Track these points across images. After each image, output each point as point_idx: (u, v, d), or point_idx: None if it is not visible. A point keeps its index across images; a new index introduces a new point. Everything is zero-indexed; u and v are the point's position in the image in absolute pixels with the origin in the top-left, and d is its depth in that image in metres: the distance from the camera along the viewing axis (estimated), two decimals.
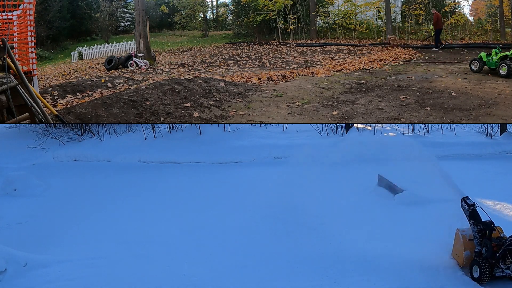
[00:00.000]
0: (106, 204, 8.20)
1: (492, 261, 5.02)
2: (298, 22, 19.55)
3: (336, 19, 19.64)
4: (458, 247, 5.53)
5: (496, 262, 5.00)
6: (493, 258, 5.02)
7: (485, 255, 5.10)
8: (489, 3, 18.33)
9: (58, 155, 11.48)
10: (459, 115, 7.47)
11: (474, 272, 5.18)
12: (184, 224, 7.14)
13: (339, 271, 5.61)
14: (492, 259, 5.02)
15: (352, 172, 10.02)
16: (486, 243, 5.15)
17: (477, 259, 5.16)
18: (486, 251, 5.10)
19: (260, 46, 18.61)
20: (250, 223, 7.27)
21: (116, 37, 21.57)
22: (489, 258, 5.05)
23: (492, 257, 5.03)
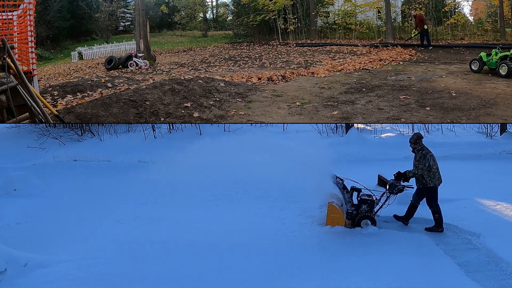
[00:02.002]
0: (106, 204, 8.20)
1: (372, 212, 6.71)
2: (298, 22, 19.54)
3: (336, 19, 19.63)
4: (334, 216, 6.61)
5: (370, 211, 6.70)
6: (372, 209, 6.71)
7: (366, 209, 6.69)
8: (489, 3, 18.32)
9: (58, 155, 11.48)
10: (459, 115, 7.48)
11: (364, 225, 6.66)
12: (184, 224, 7.14)
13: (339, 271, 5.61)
14: (371, 211, 6.70)
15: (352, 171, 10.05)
16: (366, 200, 6.71)
17: (362, 214, 6.67)
18: (366, 206, 6.70)
19: (260, 46, 18.61)
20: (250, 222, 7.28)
21: (116, 37, 21.56)
22: (369, 210, 6.69)
23: (372, 208, 6.70)
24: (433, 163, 6.69)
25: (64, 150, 11.60)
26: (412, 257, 5.92)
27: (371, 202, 6.75)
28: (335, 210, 6.61)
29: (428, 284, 5.28)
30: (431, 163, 6.67)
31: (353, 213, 6.71)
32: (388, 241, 6.40)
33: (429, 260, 5.83)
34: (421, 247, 6.25)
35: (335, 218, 6.61)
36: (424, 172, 6.65)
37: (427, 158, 6.67)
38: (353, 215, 6.70)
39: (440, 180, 6.83)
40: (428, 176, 6.68)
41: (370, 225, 6.66)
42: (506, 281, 5.40)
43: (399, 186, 6.73)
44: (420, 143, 6.80)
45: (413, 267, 5.65)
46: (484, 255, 6.05)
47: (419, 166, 6.67)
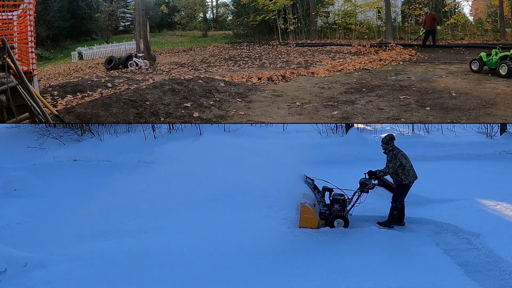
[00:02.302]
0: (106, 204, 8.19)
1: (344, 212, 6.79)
2: (298, 22, 19.54)
3: (336, 19, 19.63)
4: (307, 216, 6.64)
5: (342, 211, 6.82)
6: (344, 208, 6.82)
7: (338, 209, 6.79)
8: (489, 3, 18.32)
9: (58, 155, 11.48)
10: (459, 115, 7.47)
11: (337, 225, 6.75)
12: (184, 224, 7.14)
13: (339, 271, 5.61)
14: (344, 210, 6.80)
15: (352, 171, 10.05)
16: (338, 200, 6.83)
17: (335, 214, 6.75)
18: (339, 206, 6.80)
19: (260, 46, 18.60)
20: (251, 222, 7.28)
21: (116, 37, 21.56)
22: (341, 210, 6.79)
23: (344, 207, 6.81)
24: (405, 162, 6.84)
25: (64, 150, 11.60)
26: (412, 257, 5.93)
27: (343, 202, 6.85)
28: (308, 210, 6.67)
29: (428, 284, 5.28)
30: (404, 162, 6.82)
31: (326, 213, 6.78)
32: (388, 241, 6.41)
33: (429, 260, 5.84)
34: (421, 247, 6.26)
35: (308, 219, 6.67)
36: (398, 170, 6.82)
37: (398, 157, 6.83)
38: (326, 215, 6.78)
39: (414, 177, 6.95)
40: (402, 174, 6.85)
41: (342, 225, 6.77)
42: (506, 281, 5.40)
43: (370, 185, 6.88)
44: (392, 144, 6.93)
45: (413, 267, 5.66)
46: (484, 255, 6.05)
47: (390, 165, 6.84)
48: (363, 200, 6.96)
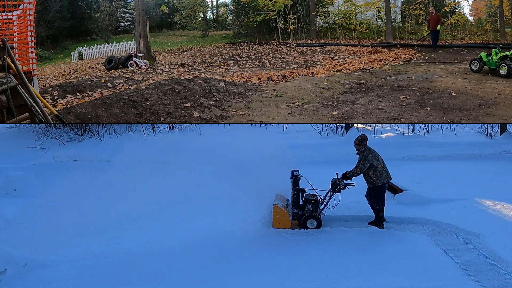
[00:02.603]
0: (106, 204, 8.19)
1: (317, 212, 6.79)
2: (298, 22, 19.54)
3: (336, 19, 19.63)
4: (279, 217, 6.65)
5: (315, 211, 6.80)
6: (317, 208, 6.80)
7: (311, 209, 6.77)
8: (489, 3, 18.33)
9: (58, 155, 11.47)
10: (459, 115, 7.47)
11: (310, 225, 6.72)
12: (185, 224, 7.14)
13: (339, 271, 5.61)
14: (316, 210, 6.78)
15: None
16: (310, 200, 6.81)
17: (308, 214, 6.73)
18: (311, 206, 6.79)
19: (260, 46, 18.60)
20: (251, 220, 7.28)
21: (116, 37, 21.56)
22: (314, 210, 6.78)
23: (317, 207, 6.79)
24: (377, 163, 6.81)
25: (64, 150, 11.59)
26: (412, 257, 5.92)
27: (316, 202, 6.85)
28: (280, 211, 6.67)
29: (428, 284, 5.28)
30: (375, 163, 6.80)
31: (299, 213, 6.79)
32: (388, 241, 6.41)
33: (429, 260, 5.83)
34: (421, 247, 6.25)
35: (281, 220, 6.69)
36: (370, 172, 6.80)
37: (368, 159, 6.79)
38: (298, 215, 6.79)
39: (388, 177, 6.92)
40: (374, 176, 6.83)
41: (315, 225, 6.78)
42: (506, 281, 5.40)
43: (341, 185, 6.88)
44: (364, 144, 6.90)
45: (413, 267, 5.66)
46: (484, 255, 6.05)
47: (359, 166, 6.85)
48: (338, 201, 6.98)
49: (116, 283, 5.44)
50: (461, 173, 9.84)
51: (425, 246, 6.28)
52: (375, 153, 6.87)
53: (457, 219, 7.13)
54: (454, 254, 6.08)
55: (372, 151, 6.86)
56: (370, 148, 6.90)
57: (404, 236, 6.65)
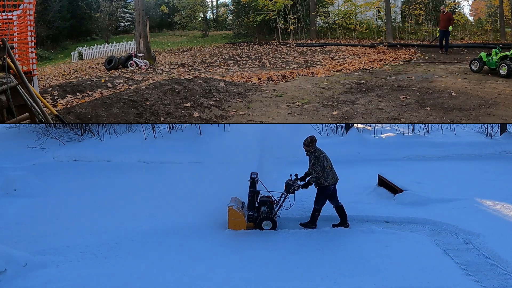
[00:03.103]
0: (106, 204, 8.20)
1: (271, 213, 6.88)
2: (298, 22, 19.54)
3: (336, 19, 19.63)
4: (235, 219, 6.75)
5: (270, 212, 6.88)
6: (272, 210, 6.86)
7: (266, 210, 6.85)
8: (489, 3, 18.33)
9: (58, 155, 11.47)
10: (459, 115, 7.47)
11: (265, 226, 6.80)
12: (185, 224, 7.14)
13: (339, 271, 5.61)
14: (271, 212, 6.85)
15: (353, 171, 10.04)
16: (264, 202, 6.89)
17: (263, 216, 6.81)
18: (266, 208, 6.87)
19: (260, 46, 18.60)
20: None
21: (116, 37, 21.56)
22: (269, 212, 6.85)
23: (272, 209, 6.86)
24: (326, 164, 6.83)
25: (64, 150, 11.59)
26: (412, 257, 5.93)
27: (270, 204, 6.90)
28: (235, 213, 6.76)
29: (428, 284, 5.28)
30: (325, 164, 6.81)
31: (254, 215, 6.85)
32: (388, 241, 6.41)
33: (429, 260, 5.84)
34: (421, 247, 6.26)
35: (236, 222, 6.78)
36: (321, 173, 6.80)
37: (320, 159, 6.80)
38: (254, 217, 6.85)
39: (334, 179, 6.92)
40: (322, 177, 6.81)
41: (270, 227, 6.83)
42: (506, 281, 5.40)
43: (295, 186, 6.89)
44: (313, 146, 6.88)
45: (413, 267, 5.66)
46: (484, 255, 6.05)
47: (317, 168, 6.79)
48: (293, 204, 7.02)
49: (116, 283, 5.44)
50: (461, 173, 9.85)
51: (425, 246, 6.29)
52: (325, 153, 6.91)
53: (457, 219, 7.14)
54: (454, 254, 6.08)
55: (322, 152, 6.89)
56: (320, 149, 6.92)
57: (404, 236, 6.65)
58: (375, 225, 7.02)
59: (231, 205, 6.80)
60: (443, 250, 6.17)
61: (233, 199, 7.06)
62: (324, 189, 6.85)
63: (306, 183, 6.87)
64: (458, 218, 7.15)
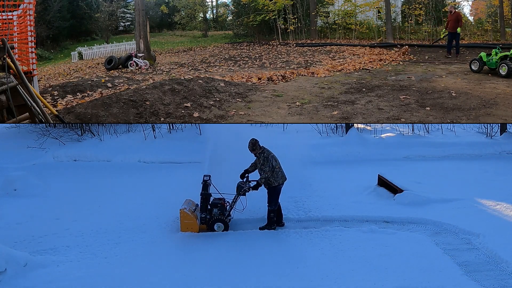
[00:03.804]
0: (106, 204, 8.20)
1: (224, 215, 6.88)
2: (298, 22, 19.54)
3: (336, 19, 19.63)
4: (187, 222, 6.77)
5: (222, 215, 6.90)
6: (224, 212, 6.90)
7: (218, 213, 6.88)
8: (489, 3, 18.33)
9: (58, 155, 11.46)
10: (459, 115, 7.47)
11: (217, 228, 6.83)
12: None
13: (339, 271, 5.61)
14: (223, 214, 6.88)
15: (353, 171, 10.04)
16: (216, 204, 6.93)
17: (214, 218, 6.84)
18: (217, 210, 6.90)
19: (260, 46, 18.60)
20: (250, 220, 7.28)
21: (116, 37, 21.56)
22: (221, 214, 6.88)
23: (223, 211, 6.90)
24: (275, 164, 6.84)
25: (64, 150, 11.59)
26: (412, 257, 5.93)
27: (222, 206, 6.94)
28: (187, 216, 6.79)
29: (428, 284, 5.28)
30: (274, 164, 6.81)
31: (207, 217, 6.88)
32: (388, 241, 6.41)
33: (429, 260, 5.84)
34: (421, 247, 6.26)
35: (188, 224, 6.81)
36: (270, 174, 6.79)
37: (269, 159, 6.79)
38: (206, 219, 6.88)
39: (283, 178, 6.93)
40: (272, 177, 6.82)
41: (222, 229, 6.87)
42: (506, 281, 5.40)
43: (245, 187, 6.92)
44: (258, 147, 6.86)
45: (413, 267, 5.66)
46: (484, 255, 6.05)
47: (266, 169, 6.78)
48: (245, 205, 7.00)
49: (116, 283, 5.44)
50: (461, 173, 9.85)
51: (425, 246, 6.29)
52: (273, 153, 6.91)
53: (457, 219, 7.14)
54: (454, 254, 6.09)
55: (270, 152, 6.89)
56: (268, 149, 6.91)
57: (404, 236, 6.65)
58: (375, 225, 7.02)
59: (183, 208, 6.86)
60: (443, 250, 6.17)
61: (187, 201, 7.13)
62: (274, 189, 6.87)
63: (256, 185, 6.88)
64: (458, 218, 7.15)
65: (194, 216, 6.81)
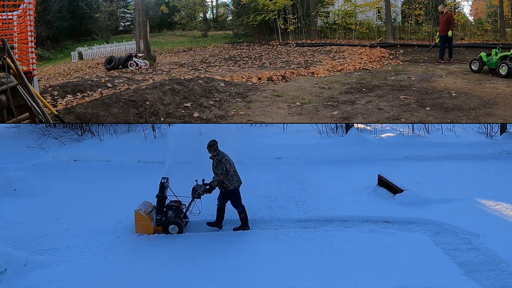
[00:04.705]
0: (106, 204, 8.20)
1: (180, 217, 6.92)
2: (298, 22, 19.54)
3: (336, 19, 19.63)
4: (141, 223, 6.82)
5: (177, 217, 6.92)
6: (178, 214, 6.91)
7: (173, 215, 6.88)
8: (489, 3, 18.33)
9: (58, 155, 11.46)
10: (459, 115, 7.47)
11: (171, 230, 6.83)
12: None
13: (339, 271, 5.61)
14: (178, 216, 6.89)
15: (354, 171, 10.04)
16: (171, 206, 6.93)
17: (169, 220, 6.86)
18: (172, 212, 6.90)
19: (260, 46, 18.60)
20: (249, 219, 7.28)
21: (116, 37, 21.57)
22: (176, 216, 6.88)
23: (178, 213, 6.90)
24: (229, 167, 6.83)
25: (64, 150, 11.59)
26: (412, 257, 5.93)
27: (176, 208, 6.95)
28: (142, 217, 6.83)
29: (428, 284, 5.29)
30: (228, 167, 6.80)
31: (162, 219, 6.90)
32: (388, 241, 6.41)
33: (429, 260, 5.84)
34: (421, 247, 6.26)
35: (143, 225, 6.84)
36: (223, 176, 6.78)
37: (223, 162, 6.78)
38: (162, 221, 6.90)
39: (239, 182, 6.94)
40: (227, 180, 6.82)
41: (177, 231, 6.87)
42: (506, 281, 5.40)
43: (199, 191, 6.92)
44: (215, 149, 6.87)
45: (413, 267, 5.66)
46: (484, 255, 6.06)
47: (218, 172, 6.79)
48: (201, 209, 7.01)
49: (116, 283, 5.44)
50: (461, 173, 9.85)
51: (425, 246, 6.29)
52: (227, 156, 6.90)
53: (457, 219, 7.14)
54: (454, 254, 6.09)
55: (225, 155, 6.89)
56: (222, 152, 6.91)
57: (404, 236, 6.65)
58: (375, 225, 7.03)
59: (138, 209, 6.89)
60: (443, 250, 6.17)
61: (144, 203, 7.16)
62: (232, 192, 6.88)
63: (209, 188, 6.88)
64: (458, 218, 7.15)
65: (149, 218, 6.85)
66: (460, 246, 6.35)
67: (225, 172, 6.75)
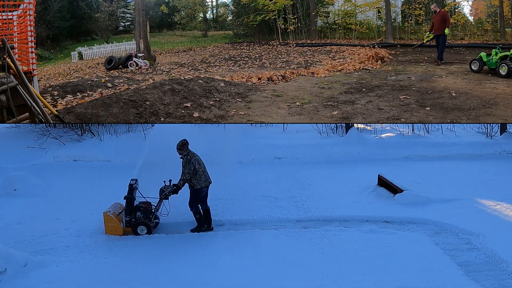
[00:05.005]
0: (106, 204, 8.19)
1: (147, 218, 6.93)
2: (298, 22, 19.54)
3: (336, 19, 19.63)
4: (111, 224, 6.86)
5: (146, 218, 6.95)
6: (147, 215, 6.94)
7: (141, 216, 6.91)
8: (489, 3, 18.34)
9: (58, 155, 11.46)
10: (459, 115, 7.47)
11: (140, 231, 6.87)
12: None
13: (339, 271, 5.62)
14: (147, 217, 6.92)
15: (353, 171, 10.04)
16: (139, 207, 6.96)
17: (138, 221, 6.89)
18: (141, 213, 6.93)
19: (260, 46, 18.60)
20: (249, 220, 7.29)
21: (116, 37, 21.57)
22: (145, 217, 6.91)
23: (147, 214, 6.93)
24: (198, 167, 6.86)
25: (64, 150, 11.58)
26: (412, 257, 5.93)
27: (145, 209, 6.97)
28: (110, 219, 6.86)
29: (428, 284, 5.29)
30: (197, 167, 6.83)
31: (132, 220, 6.93)
32: (388, 241, 6.41)
33: (429, 260, 5.84)
34: (421, 247, 6.26)
35: (112, 227, 6.88)
36: (191, 175, 6.80)
37: (191, 162, 6.80)
38: (131, 222, 6.93)
39: (207, 182, 6.96)
40: (194, 179, 6.85)
41: (145, 232, 6.90)
42: (506, 281, 5.41)
43: (166, 191, 6.95)
44: (186, 149, 6.86)
45: (413, 267, 5.66)
46: (484, 255, 6.06)
47: (185, 171, 6.81)
48: (169, 209, 7.01)
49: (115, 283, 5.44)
50: (461, 173, 9.85)
51: (425, 246, 6.29)
52: (197, 156, 6.92)
53: (457, 219, 7.14)
54: (454, 254, 6.09)
55: (195, 155, 6.90)
56: (193, 152, 6.92)
57: (404, 236, 6.65)
58: (375, 225, 7.03)
59: (107, 211, 6.93)
60: (443, 250, 6.17)
61: (114, 204, 7.19)
62: (197, 191, 6.91)
63: (175, 188, 6.89)
64: (458, 218, 7.15)
65: (118, 219, 6.87)
66: (460, 246, 6.36)
67: (194, 171, 6.78)
